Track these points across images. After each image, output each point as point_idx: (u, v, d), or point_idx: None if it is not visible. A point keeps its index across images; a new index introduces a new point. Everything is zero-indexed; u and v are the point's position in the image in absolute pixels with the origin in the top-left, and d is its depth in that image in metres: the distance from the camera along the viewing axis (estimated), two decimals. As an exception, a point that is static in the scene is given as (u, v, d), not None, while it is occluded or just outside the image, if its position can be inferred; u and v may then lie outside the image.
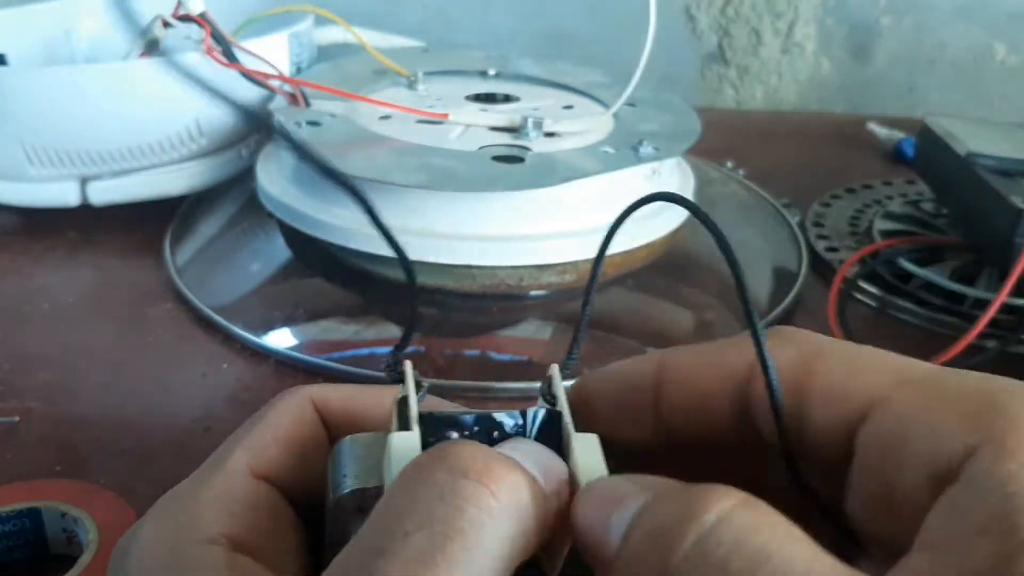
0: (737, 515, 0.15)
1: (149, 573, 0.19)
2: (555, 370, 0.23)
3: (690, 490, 0.16)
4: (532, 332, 0.50)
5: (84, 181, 0.56)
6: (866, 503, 0.18)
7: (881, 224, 0.60)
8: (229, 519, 0.19)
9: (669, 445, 0.22)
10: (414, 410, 0.20)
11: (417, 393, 0.21)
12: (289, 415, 0.22)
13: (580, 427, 0.21)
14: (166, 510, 0.20)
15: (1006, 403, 0.16)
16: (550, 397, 0.22)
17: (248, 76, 0.54)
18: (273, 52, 0.56)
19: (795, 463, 0.19)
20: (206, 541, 0.19)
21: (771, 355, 0.18)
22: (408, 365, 0.22)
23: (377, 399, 0.24)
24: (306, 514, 0.22)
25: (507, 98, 0.59)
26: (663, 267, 0.51)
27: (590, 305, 0.24)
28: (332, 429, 0.23)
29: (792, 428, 0.19)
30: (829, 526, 0.18)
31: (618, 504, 0.17)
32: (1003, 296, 0.44)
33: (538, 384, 0.23)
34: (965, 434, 0.15)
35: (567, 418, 0.21)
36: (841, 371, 0.18)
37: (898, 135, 0.77)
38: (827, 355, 0.19)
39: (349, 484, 0.21)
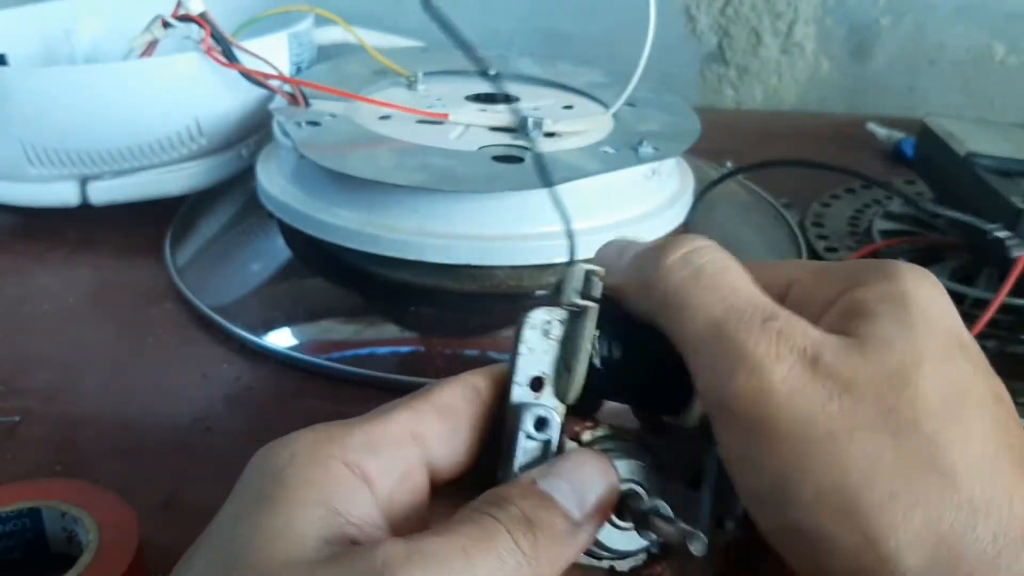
0: (709, 247, 0.25)
1: (279, 450, 0.22)
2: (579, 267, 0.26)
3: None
4: (532, 332, 0.49)
5: (84, 181, 0.56)
6: None
7: (881, 224, 0.60)
8: (367, 453, 0.22)
9: None
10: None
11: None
12: (456, 392, 0.25)
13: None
14: (335, 424, 0.23)
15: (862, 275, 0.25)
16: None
17: (248, 76, 0.54)
18: (273, 52, 0.56)
19: None
20: (337, 458, 0.22)
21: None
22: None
23: None
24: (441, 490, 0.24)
25: (507, 98, 0.59)
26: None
27: None
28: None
29: None
30: None
31: (628, 247, 0.28)
32: (1002, 296, 0.44)
33: None
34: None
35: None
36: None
37: (898, 135, 0.77)
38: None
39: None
